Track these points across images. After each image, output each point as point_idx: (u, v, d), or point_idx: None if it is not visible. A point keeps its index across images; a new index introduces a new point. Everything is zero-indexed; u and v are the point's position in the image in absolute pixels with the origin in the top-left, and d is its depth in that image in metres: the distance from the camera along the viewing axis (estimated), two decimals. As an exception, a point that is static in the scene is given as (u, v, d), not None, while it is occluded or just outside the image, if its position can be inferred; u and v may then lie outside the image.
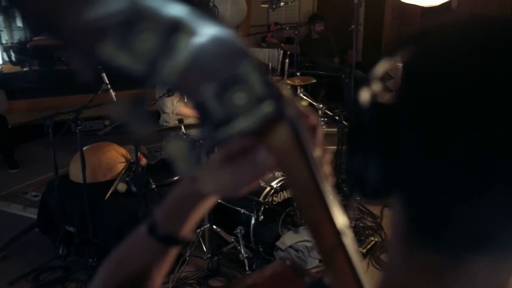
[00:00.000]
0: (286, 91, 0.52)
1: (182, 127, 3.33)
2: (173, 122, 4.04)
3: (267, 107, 0.50)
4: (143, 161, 3.53)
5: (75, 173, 3.45)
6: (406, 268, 0.52)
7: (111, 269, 0.74)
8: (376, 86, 0.52)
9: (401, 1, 7.60)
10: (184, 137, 0.46)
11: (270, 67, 4.31)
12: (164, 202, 0.70)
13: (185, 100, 4.01)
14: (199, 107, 0.50)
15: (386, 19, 7.71)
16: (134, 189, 3.28)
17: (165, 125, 4.05)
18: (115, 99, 3.19)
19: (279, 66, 4.61)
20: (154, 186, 3.33)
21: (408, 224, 0.51)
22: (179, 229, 0.68)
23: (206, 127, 0.51)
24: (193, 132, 3.72)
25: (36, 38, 8.16)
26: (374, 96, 0.50)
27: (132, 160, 3.48)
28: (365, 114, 0.49)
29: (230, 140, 0.51)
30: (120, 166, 3.47)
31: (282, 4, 4.10)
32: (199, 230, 3.41)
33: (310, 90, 4.92)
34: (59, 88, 6.61)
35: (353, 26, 5.75)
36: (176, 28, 0.43)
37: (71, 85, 6.84)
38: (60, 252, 3.37)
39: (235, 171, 0.58)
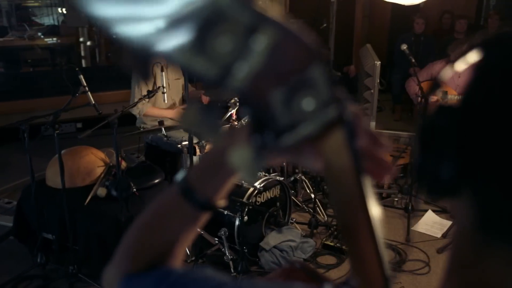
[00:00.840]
0: (342, 93, 0.51)
1: (163, 129, 3.26)
2: (150, 123, 3.97)
3: (332, 112, 0.48)
4: (123, 164, 3.45)
5: (52, 178, 3.34)
6: (480, 264, 0.52)
7: (140, 233, 0.71)
8: (443, 89, 0.53)
9: (371, 0, 7.70)
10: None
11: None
12: (199, 164, 0.69)
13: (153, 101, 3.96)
14: (259, 113, 0.48)
15: (357, 17, 7.79)
16: (114, 193, 3.20)
17: (143, 126, 3.97)
18: (93, 101, 3.11)
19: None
20: (135, 189, 3.26)
21: (481, 219, 0.51)
22: (214, 194, 0.66)
23: (267, 133, 0.48)
24: (174, 133, 3.67)
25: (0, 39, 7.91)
26: (442, 98, 0.51)
27: (111, 164, 3.40)
28: (436, 116, 0.50)
29: (293, 146, 0.49)
30: (99, 170, 3.39)
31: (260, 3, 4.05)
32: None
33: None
34: (27, 91, 6.44)
35: (325, 25, 5.78)
36: (254, 29, 0.40)
37: (39, 87, 6.68)
38: (38, 260, 3.27)
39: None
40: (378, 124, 4.09)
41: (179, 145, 3.08)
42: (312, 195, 4.08)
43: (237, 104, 3.25)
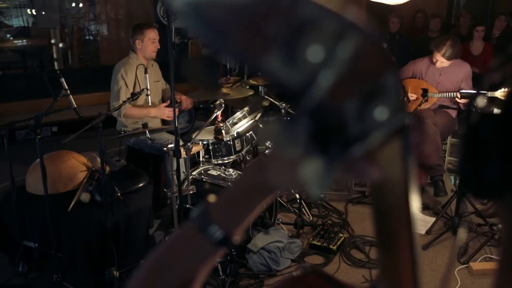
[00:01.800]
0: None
1: (147, 132, 3.21)
2: (131, 126, 3.90)
3: (400, 121, 0.47)
4: (106, 168, 3.38)
5: (32, 184, 3.25)
6: None
7: (153, 273, 0.67)
8: (485, 96, 0.54)
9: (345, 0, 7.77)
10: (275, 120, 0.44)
11: (228, 67, 4.25)
12: (221, 196, 0.65)
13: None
14: (328, 124, 0.46)
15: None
16: (98, 198, 3.13)
17: (123, 130, 3.90)
18: (74, 105, 3.03)
19: (238, 66, 4.58)
20: (119, 194, 3.20)
21: None
22: (234, 228, 0.64)
23: (335, 145, 0.46)
24: (158, 136, 3.62)
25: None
26: (489, 104, 0.53)
27: (94, 168, 3.33)
28: (480, 123, 0.52)
29: (363, 156, 0.47)
30: (82, 175, 3.31)
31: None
32: (168, 237, 3.32)
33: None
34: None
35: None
36: (341, 35, 0.38)
37: (10, 90, 6.51)
38: (20, 269, 3.18)
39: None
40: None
41: (165, 148, 3.03)
42: (297, 195, 4.08)
43: (223, 106, 3.23)
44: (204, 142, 3.54)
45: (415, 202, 0.55)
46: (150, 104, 3.53)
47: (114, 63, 3.98)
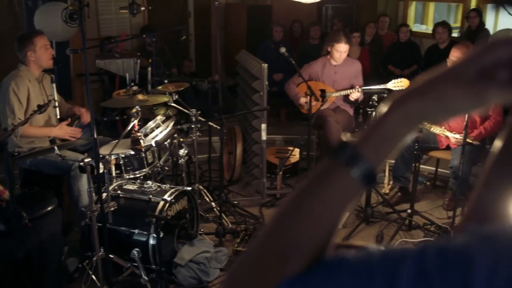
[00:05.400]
0: None
1: (56, 148, 2.90)
2: (26, 146, 3.50)
3: None
4: (6, 194, 3.00)
5: None
6: None
7: (312, 225, 0.59)
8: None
9: (224, 11, 7.86)
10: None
11: (127, 78, 4.04)
12: (366, 132, 0.60)
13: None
14: None
15: (213, 28, 7.88)
16: (3, 227, 2.76)
17: (17, 150, 3.49)
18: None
19: (137, 76, 4.37)
20: (27, 220, 2.84)
21: None
22: (379, 164, 0.60)
23: None
24: (64, 153, 3.29)
25: None
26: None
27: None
28: None
29: None
30: (-23, 203, 2.89)
31: (142, 8, 3.88)
32: (87, 262, 3.03)
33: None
34: None
35: (184, 37, 5.74)
36: None
37: None
38: None
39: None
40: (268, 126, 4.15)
41: (81, 163, 2.75)
42: (213, 204, 4.00)
43: (139, 114, 3.04)
44: (116, 156, 3.30)
45: None
46: (58, 116, 3.20)
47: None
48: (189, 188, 3.39)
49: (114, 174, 3.38)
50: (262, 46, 6.71)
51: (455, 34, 6.86)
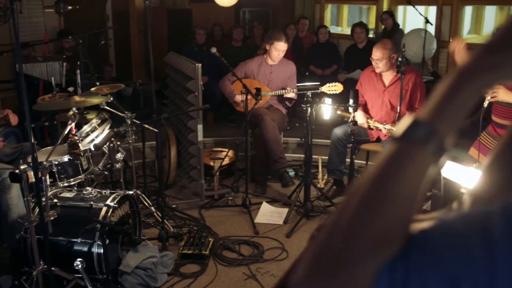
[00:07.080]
0: None
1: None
2: None
3: None
4: None
5: None
6: None
7: (402, 208, 0.58)
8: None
9: (143, 16, 7.68)
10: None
11: (53, 82, 3.83)
12: (439, 105, 0.61)
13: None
14: None
15: (132, 33, 7.68)
16: None
17: None
18: None
19: (63, 80, 4.15)
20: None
21: None
22: (449, 136, 0.61)
23: None
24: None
25: None
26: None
27: None
28: None
29: None
30: None
31: (70, 7, 3.67)
32: (24, 278, 2.82)
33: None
34: None
35: (103, 42, 5.55)
36: None
37: None
38: None
39: None
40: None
41: (17, 171, 2.55)
42: (153, 208, 3.89)
43: (77, 116, 2.88)
44: (55, 163, 3.11)
45: None
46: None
47: None
48: (131, 192, 3.27)
49: (48, 183, 3.18)
50: (185, 49, 6.63)
51: (370, 35, 7.20)
